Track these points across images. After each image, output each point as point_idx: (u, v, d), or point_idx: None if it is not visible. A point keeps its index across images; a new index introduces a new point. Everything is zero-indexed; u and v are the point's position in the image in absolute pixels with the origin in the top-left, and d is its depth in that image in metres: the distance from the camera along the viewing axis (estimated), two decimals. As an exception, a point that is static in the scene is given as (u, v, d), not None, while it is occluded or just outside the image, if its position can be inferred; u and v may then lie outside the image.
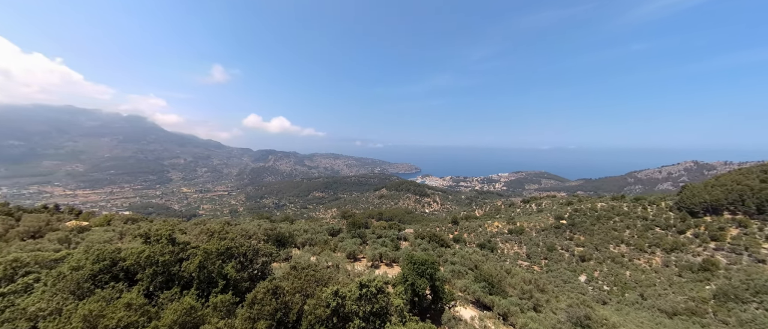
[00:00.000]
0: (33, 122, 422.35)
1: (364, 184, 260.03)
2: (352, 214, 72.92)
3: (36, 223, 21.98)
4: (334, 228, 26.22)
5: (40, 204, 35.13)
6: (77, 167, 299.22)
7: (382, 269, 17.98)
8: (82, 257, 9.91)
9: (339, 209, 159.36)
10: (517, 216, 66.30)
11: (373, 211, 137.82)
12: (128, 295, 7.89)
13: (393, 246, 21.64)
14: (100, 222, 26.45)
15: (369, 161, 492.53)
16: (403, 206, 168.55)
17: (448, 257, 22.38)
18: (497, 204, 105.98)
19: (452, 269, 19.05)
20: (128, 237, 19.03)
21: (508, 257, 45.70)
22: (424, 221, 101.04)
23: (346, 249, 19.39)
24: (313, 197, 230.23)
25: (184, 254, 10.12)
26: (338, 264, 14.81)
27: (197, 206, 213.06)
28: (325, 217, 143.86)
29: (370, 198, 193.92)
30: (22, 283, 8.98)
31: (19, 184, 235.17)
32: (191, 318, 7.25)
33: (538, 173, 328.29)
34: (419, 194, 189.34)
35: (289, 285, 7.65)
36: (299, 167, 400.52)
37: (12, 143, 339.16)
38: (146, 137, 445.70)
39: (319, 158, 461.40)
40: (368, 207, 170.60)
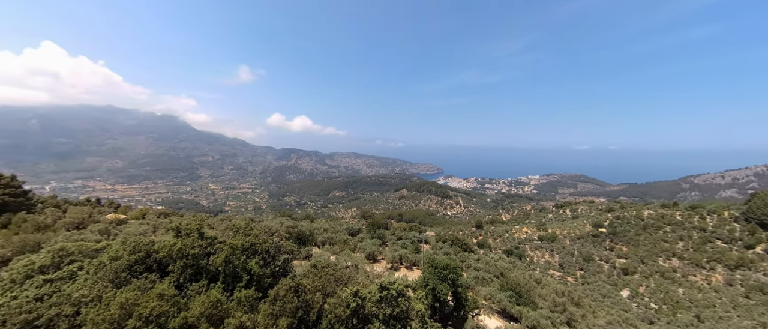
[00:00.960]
0: (78, 120, 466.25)
1: (384, 184, 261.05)
2: (372, 214, 73.46)
3: (80, 215, 24.14)
4: (353, 228, 26.51)
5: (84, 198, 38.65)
6: (116, 163, 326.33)
7: (402, 271, 17.90)
8: (120, 248, 10.72)
9: (359, 209, 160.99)
10: (548, 222, 63.31)
11: (393, 212, 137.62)
12: (160, 286, 8.42)
13: (413, 249, 21.49)
14: (135, 216, 28.59)
15: (389, 161, 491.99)
16: (424, 208, 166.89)
17: (471, 262, 21.83)
18: (526, 208, 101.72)
19: (476, 275, 18.55)
20: (161, 230, 20.39)
21: (538, 265, 43.39)
22: (445, 223, 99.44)
23: (365, 250, 19.52)
24: (333, 196, 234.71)
25: (211, 248, 10.65)
26: (358, 264, 14.93)
27: (223, 203, 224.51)
28: (344, 216, 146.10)
29: (390, 199, 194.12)
30: (67, 270, 9.87)
31: (66, 178, 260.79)
32: (217, 310, 7.59)
33: (573, 176, 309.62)
34: (441, 195, 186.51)
35: (309, 284, 7.79)
36: (320, 166, 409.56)
37: (60, 141, 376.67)
38: (178, 136, 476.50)
39: (340, 157, 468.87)
40: (388, 208, 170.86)
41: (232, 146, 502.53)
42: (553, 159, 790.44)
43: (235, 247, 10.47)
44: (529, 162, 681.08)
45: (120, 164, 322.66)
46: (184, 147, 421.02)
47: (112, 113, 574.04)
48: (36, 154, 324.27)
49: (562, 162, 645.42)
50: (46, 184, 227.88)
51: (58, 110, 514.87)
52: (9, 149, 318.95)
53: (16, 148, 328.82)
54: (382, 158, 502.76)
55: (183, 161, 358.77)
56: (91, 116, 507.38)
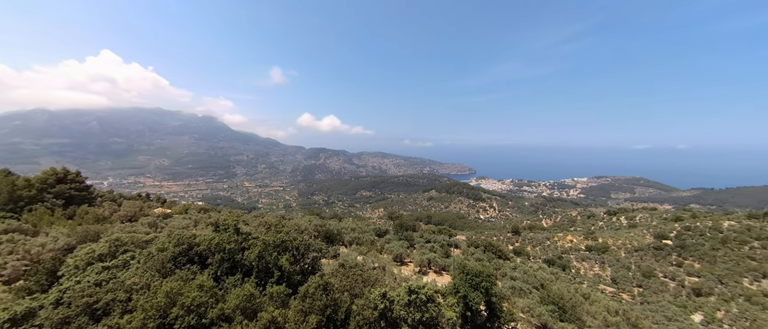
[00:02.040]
0: (131, 122, 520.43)
1: (412, 185, 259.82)
2: (399, 215, 72.92)
3: (132, 209, 26.85)
4: (380, 229, 26.66)
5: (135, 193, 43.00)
6: (163, 161, 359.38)
7: (430, 276, 17.63)
8: (166, 240, 11.74)
9: (386, 210, 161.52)
10: (598, 231, 58.48)
11: (422, 213, 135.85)
12: (201, 277, 9.11)
13: (443, 253, 21.10)
14: (179, 211, 31.21)
15: (417, 161, 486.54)
16: (454, 210, 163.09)
17: (507, 271, 20.82)
18: (571, 214, 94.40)
19: (512, 285, 17.63)
20: (201, 225, 22.05)
21: (585, 278, 39.77)
22: (478, 228, 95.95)
23: (392, 252, 19.51)
24: (360, 196, 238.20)
25: (246, 243, 11.30)
26: (385, 266, 14.96)
27: (257, 200, 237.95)
28: (371, 217, 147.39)
29: (418, 200, 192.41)
30: (121, 259, 11.01)
31: (121, 175, 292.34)
32: (251, 304, 8.04)
33: (630, 179, 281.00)
34: (473, 198, 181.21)
35: (337, 283, 7.95)
36: (348, 165, 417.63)
37: (116, 141, 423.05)
38: (216, 136, 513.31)
39: (367, 156, 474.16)
40: (416, 209, 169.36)
41: (265, 146, 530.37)
42: (606, 159, 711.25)
43: (268, 243, 11.01)
44: (575, 163, 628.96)
45: (166, 162, 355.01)
46: (221, 146, 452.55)
47: (160, 115, 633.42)
48: (96, 152, 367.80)
49: (616, 163, 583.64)
50: (104, 180, 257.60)
51: (115, 113, 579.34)
52: (74, 148, 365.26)
53: (79, 147, 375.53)
54: (409, 157, 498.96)
55: (221, 159, 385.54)
56: (142, 118, 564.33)
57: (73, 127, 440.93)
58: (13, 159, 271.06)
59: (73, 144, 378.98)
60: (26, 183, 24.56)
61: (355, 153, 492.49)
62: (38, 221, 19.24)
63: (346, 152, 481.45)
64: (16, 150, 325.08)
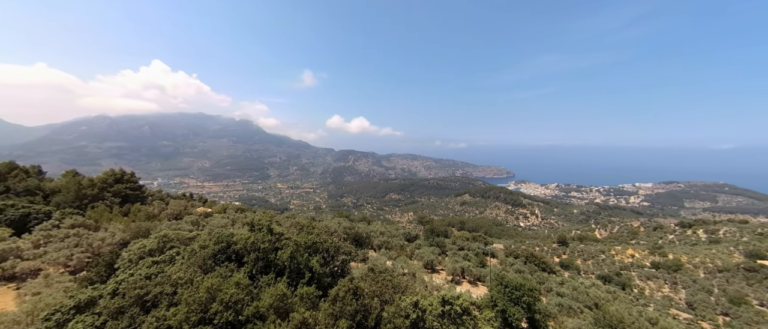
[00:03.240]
0: (178, 126, 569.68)
1: (443, 188, 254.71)
2: (430, 220, 71.49)
3: (178, 208, 29.22)
4: (410, 234, 26.43)
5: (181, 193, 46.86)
6: (205, 163, 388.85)
7: (464, 286, 17.03)
8: (207, 238, 12.61)
9: (416, 214, 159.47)
10: (668, 245, 51.98)
11: (454, 219, 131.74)
12: (237, 275, 9.63)
13: (477, 262, 20.33)
14: (219, 210, 33.45)
15: (449, 163, 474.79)
16: (489, 216, 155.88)
17: (552, 285, 19.33)
18: (632, 225, 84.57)
19: (559, 302, 16.20)
20: (238, 224, 23.42)
21: (651, 300, 34.28)
22: (517, 236, 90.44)
23: (423, 258, 19.18)
24: (389, 198, 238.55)
25: (279, 243, 11.78)
26: (415, 272, 14.73)
27: (288, 201, 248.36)
28: (401, 221, 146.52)
29: (450, 204, 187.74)
30: (168, 255, 12.00)
31: (168, 176, 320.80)
32: (283, 303, 8.33)
33: (711, 185, 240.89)
34: (512, 203, 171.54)
35: (367, 288, 7.96)
36: (377, 167, 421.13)
37: (164, 144, 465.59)
38: (252, 138, 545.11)
39: (397, 158, 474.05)
40: (448, 214, 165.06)
41: (296, 148, 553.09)
42: (677, 161, 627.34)
43: (299, 244, 11.38)
44: (635, 166, 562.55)
45: (207, 164, 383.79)
46: (257, 149, 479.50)
47: (203, 120, 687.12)
48: (148, 155, 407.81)
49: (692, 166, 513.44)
50: (154, 180, 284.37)
51: (163, 118, 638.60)
52: (129, 151, 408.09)
53: (134, 150, 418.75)
54: (441, 159, 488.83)
55: (256, 161, 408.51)
56: (187, 123, 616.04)
57: (129, 131, 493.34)
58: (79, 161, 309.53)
59: (129, 147, 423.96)
60: (90, 183, 27.82)
61: (384, 155, 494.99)
62: (99, 217, 21.66)
63: (374, 154, 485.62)
64: (82, 153, 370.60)
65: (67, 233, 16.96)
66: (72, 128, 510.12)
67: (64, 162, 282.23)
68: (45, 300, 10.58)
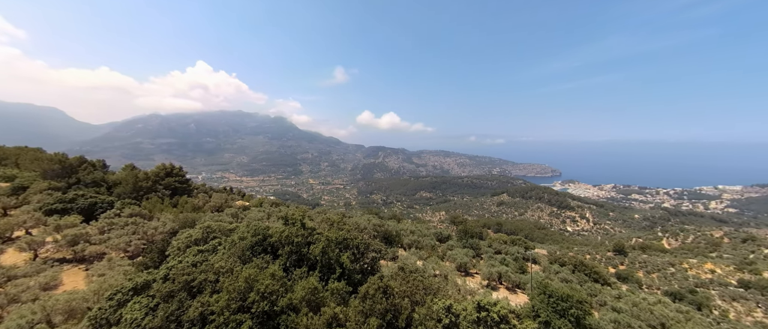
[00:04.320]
0: (219, 123, 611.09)
1: (478, 187, 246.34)
2: (464, 220, 69.42)
3: (220, 200, 31.36)
4: (442, 234, 26.01)
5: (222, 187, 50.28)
6: (243, 158, 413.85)
7: (501, 292, 16.33)
8: (245, 230, 13.41)
9: (448, 213, 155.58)
10: (762, 261, 45.10)
11: (490, 220, 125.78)
12: (273, 267, 10.14)
13: (517, 267, 19.41)
14: (255, 204, 35.42)
15: (486, 160, 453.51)
16: (531, 219, 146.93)
17: (606, 299, 17.45)
18: (713, 235, 73.45)
19: (615, 318, 14.42)
20: (273, 218, 24.65)
21: (737, 326, 28.47)
22: (564, 242, 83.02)
23: (455, 259, 18.77)
24: (419, 196, 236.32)
25: (311, 238, 12.21)
26: (447, 274, 14.46)
27: (319, 197, 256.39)
28: (432, 220, 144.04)
29: (486, 204, 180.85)
30: (212, 244, 12.94)
31: (211, 170, 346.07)
32: (315, 297, 8.63)
33: None
34: (557, 205, 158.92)
35: (397, 287, 7.97)
36: (407, 164, 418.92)
37: (208, 140, 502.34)
38: (286, 135, 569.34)
39: (428, 155, 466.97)
40: (483, 214, 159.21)
41: (327, 144, 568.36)
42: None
43: (331, 240, 11.70)
44: (717, 165, 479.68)
45: (245, 159, 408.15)
46: (290, 145, 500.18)
47: (241, 117, 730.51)
48: (193, 150, 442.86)
49: None
50: (198, 174, 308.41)
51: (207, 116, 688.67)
52: (177, 147, 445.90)
53: (181, 146, 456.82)
54: (476, 157, 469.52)
55: (289, 157, 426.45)
56: (227, 120, 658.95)
57: (177, 129, 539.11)
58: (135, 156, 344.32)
59: (177, 143, 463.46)
60: (145, 176, 30.82)
61: (414, 151, 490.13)
62: (152, 207, 23.94)
63: (405, 151, 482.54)
64: (138, 148, 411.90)
65: (127, 222, 18.97)
66: (130, 125, 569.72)
67: (124, 157, 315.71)
68: (108, 281, 11.95)
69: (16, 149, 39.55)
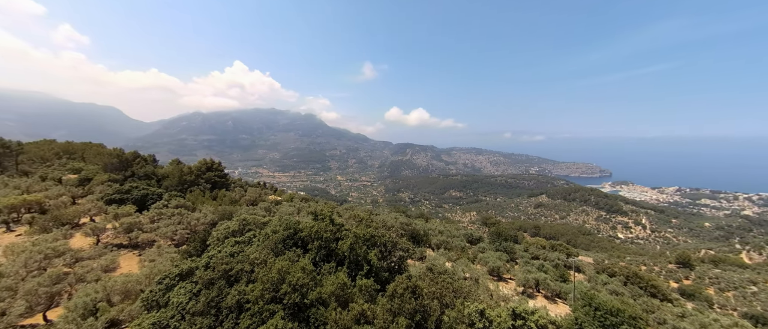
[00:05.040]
0: (254, 121, 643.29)
1: (513, 187, 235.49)
2: (497, 222, 66.94)
3: (254, 195, 33.05)
4: (472, 235, 25.42)
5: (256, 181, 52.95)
6: (275, 155, 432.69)
7: (539, 301, 15.46)
8: (277, 224, 14.05)
9: (479, 214, 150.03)
10: None
11: (526, 223, 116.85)
12: (303, 260, 10.55)
13: (557, 275, 18.31)
14: (286, 198, 36.92)
15: (522, 159, 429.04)
16: (574, 223, 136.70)
17: (666, 317, 15.77)
18: None
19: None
20: (303, 213, 25.56)
21: None
22: (613, 250, 76.28)
23: (488, 263, 18.16)
24: (449, 195, 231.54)
25: (340, 234, 12.53)
26: (478, 278, 14.07)
27: (347, 193, 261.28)
28: (462, 220, 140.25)
29: (522, 205, 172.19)
30: (247, 236, 13.71)
31: (246, 165, 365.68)
32: (343, 292, 8.86)
33: None
34: (607, 209, 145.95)
35: (426, 288, 7.94)
36: (436, 161, 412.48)
37: (243, 137, 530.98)
38: (315, 132, 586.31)
39: (458, 152, 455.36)
40: (518, 216, 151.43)
41: (355, 141, 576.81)
42: None
43: (358, 236, 11.91)
44: None
45: (277, 156, 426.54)
46: (319, 142, 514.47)
47: (274, 115, 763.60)
48: (231, 146, 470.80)
49: None
50: (235, 169, 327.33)
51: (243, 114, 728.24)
52: (216, 143, 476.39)
53: (220, 142, 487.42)
54: (511, 154, 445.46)
55: (318, 154, 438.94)
56: (261, 118, 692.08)
57: (217, 126, 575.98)
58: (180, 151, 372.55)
59: (217, 140, 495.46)
60: (188, 170, 33.29)
61: (444, 149, 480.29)
62: (195, 200, 25.82)
63: (434, 148, 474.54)
64: (182, 144, 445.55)
65: (173, 212, 20.67)
66: (176, 123, 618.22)
67: (170, 152, 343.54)
68: (158, 266, 13.12)
69: (82, 144, 44.52)
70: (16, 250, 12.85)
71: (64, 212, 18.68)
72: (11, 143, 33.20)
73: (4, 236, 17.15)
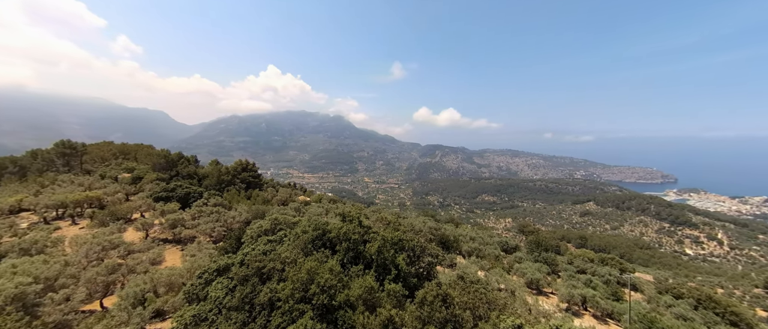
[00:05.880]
0: (285, 123, 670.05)
1: (555, 192, 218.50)
2: (535, 230, 62.71)
3: (285, 195, 34.29)
4: (507, 243, 24.36)
5: (287, 182, 54.97)
6: (305, 156, 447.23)
7: (586, 320, 14.35)
8: (307, 224, 14.46)
9: (515, 221, 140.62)
10: None
11: (570, 232, 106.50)
12: (331, 262, 10.76)
13: (607, 292, 16.79)
14: (315, 199, 37.92)
15: (565, 162, 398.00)
16: (629, 235, 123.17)
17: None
18: None
19: None
20: (331, 214, 26.10)
21: None
22: (680, 267, 68.81)
23: (525, 274, 17.17)
24: (481, 200, 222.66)
25: (367, 236, 12.63)
26: (514, 290, 13.35)
27: (374, 195, 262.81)
28: (495, 227, 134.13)
29: (565, 213, 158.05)
30: (279, 236, 14.25)
31: (278, 166, 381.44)
32: (371, 297, 8.89)
33: None
34: (671, 220, 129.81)
35: (458, 297, 7.73)
36: (467, 164, 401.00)
37: (275, 139, 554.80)
38: (343, 133, 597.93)
39: (492, 154, 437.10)
40: (561, 225, 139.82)
41: (382, 143, 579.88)
42: None
43: (386, 240, 11.91)
44: None
45: (307, 157, 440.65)
46: (347, 143, 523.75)
47: (304, 117, 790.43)
48: (264, 148, 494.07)
49: None
50: (267, 170, 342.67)
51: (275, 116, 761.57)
52: (250, 145, 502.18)
53: (254, 143, 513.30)
54: (553, 157, 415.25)
55: (346, 155, 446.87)
56: (292, 120, 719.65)
57: (251, 128, 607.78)
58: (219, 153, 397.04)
59: (251, 141, 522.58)
60: (226, 170, 35.35)
61: (476, 151, 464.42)
62: (231, 199, 27.35)
63: (465, 150, 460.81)
64: (220, 146, 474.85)
65: (212, 210, 22.05)
66: (215, 125, 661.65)
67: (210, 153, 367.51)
68: (198, 261, 14.04)
69: (135, 146, 49.02)
70: (79, 241, 14.40)
71: (119, 208, 20.65)
72: (77, 145, 37.38)
73: (70, 229, 19.30)
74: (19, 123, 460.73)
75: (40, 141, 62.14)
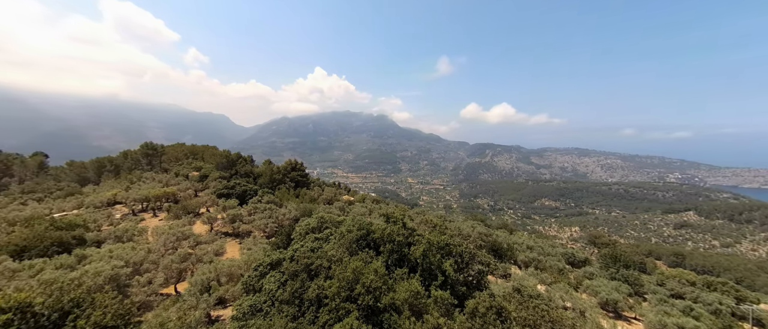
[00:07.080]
0: (331, 123, 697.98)
1: (638, 199, 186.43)
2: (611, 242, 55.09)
3: (330, 194, 35.58)
4: (574, 256, 22.18)
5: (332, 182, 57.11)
6: (349, 156, 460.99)
7: None
8: (351, 224, 14.80)
9: (584, 230, 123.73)
10: None
11: (661, 247, 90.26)
12: (376, 263, 10.85)
13: (718, 326, 14.18)
14: (358, 199, 38.76)
15: (652, 162, 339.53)
16: (749, 255, 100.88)
17: None
18: None
19: None
20: (374, 214, 26.45)
21: None
22: None
23: (598, 293, 15.38)
24: (540, 205, 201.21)
25: (412, 238, 12.51)
26: (584, 310, 11.94)
27: (418, 196, 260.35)
28: (558, 236, 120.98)
29: (653, 224, 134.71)
30: (325, 234, 14.80)
31: (323, 166, 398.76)
32: (417, 301, 8.76)
33: None
34: None
35: (514, 311, 7.24)
36: (523, 164, 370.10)
37: (321, 139, 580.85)
38: (386, 132, 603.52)
39: (553, 154, 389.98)
40: (647, 238, 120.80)
41: (427, 142, 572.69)
42: None
43: (432, 243, 11.67)
44: None
45: (351, 157, 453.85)
46: (390, 143, 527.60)
47: (348, 117, 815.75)
48: (311, 148, 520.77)
49: None
50: (314, 169, 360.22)
51: (321, 117, 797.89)
52: (299, 145, 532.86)
53: (302, 144, 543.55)
54: (634, 156, 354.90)
55: (389, 155, 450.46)
56: (337, 120, 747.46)
57: (300, 129, 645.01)
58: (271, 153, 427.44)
59: (299, 142, 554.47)
60: (277, 170, 37.83)
61: (533, 150, 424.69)
62: (282, 197, 29.17)
63: (520, 149, 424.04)
64: (273, 146, 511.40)
65: (265, 207, 23.75)
66: (268, 127, 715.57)
67: (263, 153, 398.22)
68: (253, 254, 15.19)
69: (202, 147, 55.00)
70: (158, 231, 16.51)
71: (189, 203, 23.28)
72: (157, 146, 43.11)
73: (151, 220, 22.28)
74: (114, 128, 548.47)
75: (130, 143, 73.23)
